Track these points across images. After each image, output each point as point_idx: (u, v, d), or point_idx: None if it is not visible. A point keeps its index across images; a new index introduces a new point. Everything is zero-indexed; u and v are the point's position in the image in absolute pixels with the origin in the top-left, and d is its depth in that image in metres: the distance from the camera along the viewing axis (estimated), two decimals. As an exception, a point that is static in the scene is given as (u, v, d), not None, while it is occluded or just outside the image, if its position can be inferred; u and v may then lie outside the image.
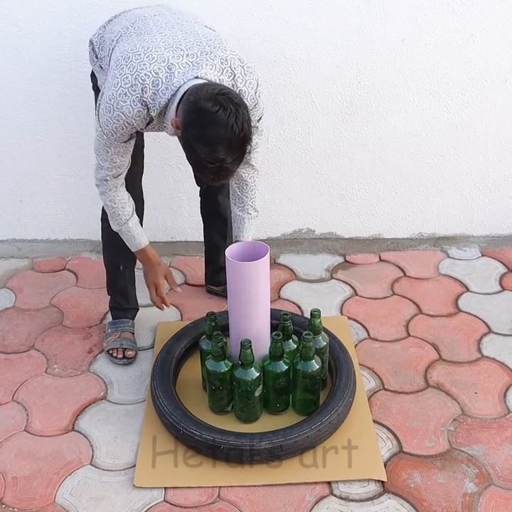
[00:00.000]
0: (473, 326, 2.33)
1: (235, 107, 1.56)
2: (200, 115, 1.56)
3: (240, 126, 1.56)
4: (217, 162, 1.58)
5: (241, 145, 1.60)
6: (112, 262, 2.23)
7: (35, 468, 1.82)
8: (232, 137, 1.56)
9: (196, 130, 1.57)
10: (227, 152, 1.57)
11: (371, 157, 2.63)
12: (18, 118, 2.53)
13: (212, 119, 1.55)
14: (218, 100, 1.55)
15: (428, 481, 1.76)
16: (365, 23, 2.35)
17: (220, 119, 1.54)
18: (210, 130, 1.55)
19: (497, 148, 2.62)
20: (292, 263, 2.71)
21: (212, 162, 1.58)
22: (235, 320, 1.91)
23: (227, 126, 1.55)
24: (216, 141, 1.56)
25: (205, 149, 1.57)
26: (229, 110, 1.55)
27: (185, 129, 1.60)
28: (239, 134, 1.57)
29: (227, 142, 1.56)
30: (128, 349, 2.19)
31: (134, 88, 1.66)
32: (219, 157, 1.57)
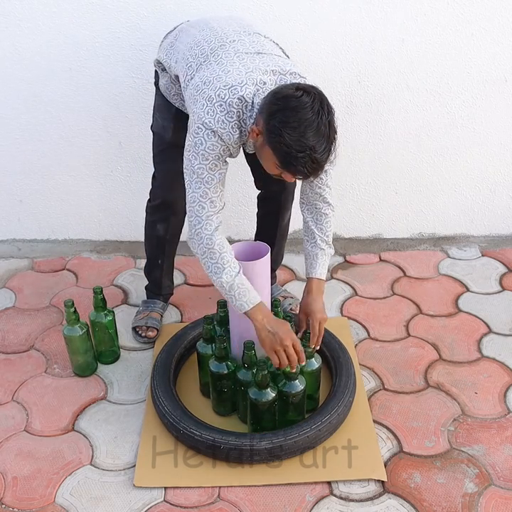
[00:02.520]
0: (473, 326, 2.33)
1: (319, 94, 1.54)
2: (284, 101, 1.52)
3: (326, 111, 1.53)
4: (307, 150, 1.51)
5: (329, 132, 1.54)
6: (151, 254, 2.30)
7: (35, 468, 1.82)
8: (320, 122, 1.52)
9: (283, 115, 1.52)
10: (317, 138, 1.52)
11: (371, 157, 2.63)
12: (18, 118, 2.53)
13: (298, 103, 1.51)
14: (301, 87, 1.54)
15: (428, 481, 1.76)
16: (365, 23, 2.35)
17: (305, 101, 1.51)
18: (297, 113, 1.51)
19: (497, 148, 2.62)
20: (292, 263, 2.71)
21: (302, 150, 1.51)
22: (235, 320, 1.91)
23: (313, 109, 1.51)
24: (304, 124, 1.50)
25: (294, 135, 1.50)
26: (312, 95, 1.52)
27: (269, 120, 1.54)
28: (326, 118, 1.53)
29: (316, 127, 1.51)
30: (151, 328, 2.27)
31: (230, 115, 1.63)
32: (308, 144, 1.51)
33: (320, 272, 1.94)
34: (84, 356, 2.10)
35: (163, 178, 2.11)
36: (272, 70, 1.68)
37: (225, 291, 1.73)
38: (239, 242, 1.89)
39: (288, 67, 1.72)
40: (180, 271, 2.67)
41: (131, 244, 2.79)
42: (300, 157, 1.52)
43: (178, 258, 2.72)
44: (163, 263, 2.30)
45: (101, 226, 2.78)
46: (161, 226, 2.18)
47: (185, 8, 2.30)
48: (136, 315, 2.35)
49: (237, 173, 2.64)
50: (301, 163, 1.54)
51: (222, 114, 1.63)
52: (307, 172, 1.56)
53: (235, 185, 2.67)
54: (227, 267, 1.72)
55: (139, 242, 2.79)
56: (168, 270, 2.35)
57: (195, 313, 2.42)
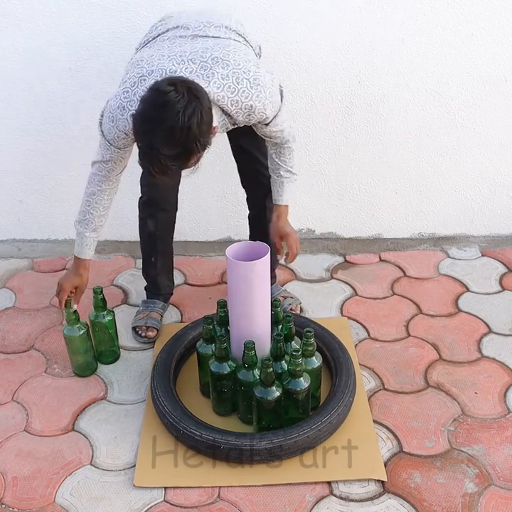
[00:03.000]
0: (473, 326, 2.33)
1: (190, 97, 1.48)
2: (152, 93, 1.50)
3: (187, 116, 1.45)
4: (153, 149, 1.48)
5: (184, 141, 1.48)
6: (145, 251, 2.33)
7: (35, 468, 1.82)
8: (175, 125, 1.45)
9: (143, 107, 1.50)
10: (166, 141, 1.47)
11: (371, 157, 2.63)
12: (18, 118, 2.53)
13: (160, 99, 1.47)
14: (176, 82, 1.49)
15: (428, 481, 1.76)
16: (365, 23, 2.35)
17: (169, 100, 1.45)
18: (153, 109, 1.47)
19: (497, 148, 2.62)
20: (292, 263, 2.71)
21: (149, 147, 1.48)
22: (234, 319, 1.91)
23: (173, 110, 1.45)
24: (156, 122, 1.46)
25: (145, 128, 1.48)
26: (181, 94, 1.46)
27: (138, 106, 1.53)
28: (183, 123, 1.45)
29: (168, 129, 1.46)
30: (151, 328, 2.28)
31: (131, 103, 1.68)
32: (155, 144, 1.47)
33: (286, 199, 2.04)
34: (84, 356, 2.10)
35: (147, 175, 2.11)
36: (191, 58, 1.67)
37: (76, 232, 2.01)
38: (239, 242, 1.89)
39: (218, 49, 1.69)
40: (180, 271, 2.67)
41: (131, 244, 2.79)
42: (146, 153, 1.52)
43: (178, 258, 2.72)
44: (157, 261, 2.31)
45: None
46: (150, 222, 2.21)
47: (186, 9, 2.30)
48: (136, 315, 2.36)
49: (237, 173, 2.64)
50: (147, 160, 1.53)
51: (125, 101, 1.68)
52: (153, 170, 1.54)
53: (235, 185, 2.66)
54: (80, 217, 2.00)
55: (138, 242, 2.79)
56: (164, 269, 2.35)
57: (195, 313, 2.42)
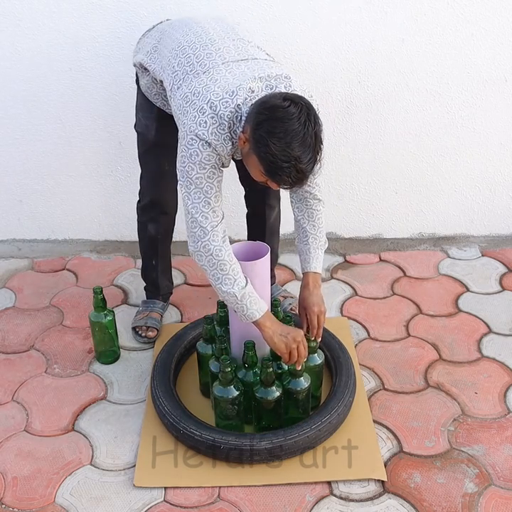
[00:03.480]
0: (473, 326, 2.33)
1: (306, 104, 1.55)
2: (271, 111, 1.53)
3: (312, 122, 1.53)
4: (292, 160, 1.51)
5: (314, 143, 1.55)
6: (145, 255, 2.32)
7: (35, 468, 1.82)
8: (306, 132, 1.52)
9: (269, 125, 1.52)
10: (302, 149, 1.52)
11: (371, 157, 2.63)
12: (18, 118, 2.53)
13: (284, 114, 1.51)
14: (289, 97, 1.54)
15: (428, 481, 1.76)
16: (365, 23, 2.35)
17: (292, 112, 1.51)
18: (283, 124, 1.51)
19: (497, 148, 2.62)
20: (292, 263, 2.71)
21: (287, 160, 1.51)
22: (235, 320, 1.90)
23: (299, 120, 1.51)
24: (291, 135, 1.50)
25: (280, 144, 1.51)
26: (299, 106, 1.52)
27: (256, 128, 1.54)
28: (312, 129, 1.53)
29: (301, 137, 1.51)
30: (151, 328, 2.28)
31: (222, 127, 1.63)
32: (294, 154, 1.51)
33: (314, 266, 1.94)
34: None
35: (149, 178, 2.12)
36: (259, 76, 1.67)
37: (235, 301, 1.71)
38: (239, 242, 1.89)
39: (272, 70, 1.70)
40: (180, 271, 2.67)
41: (131, 244, 2.79)
42: (285, 167, 1.53)
43: (178, 258, 2.73)
44: (158, 264, 2.30)
45: (101, 226, 2.78)
46: (151, 226, 2.20)
47: (186, 9, 2.31)
48: (136, 315, 2.36)
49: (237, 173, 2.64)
50: (286, 173, 1.54)
51: (214, 127, 1.62)
52: (291, 182, 1.57)
53: (235, 185, 2.66)
54: (238, 278, 1.71)
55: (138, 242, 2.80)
56: (164, 270, 2.35)
57: (195, 313, 2.42)
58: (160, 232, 2.22)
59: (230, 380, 1.77)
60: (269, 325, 1.75)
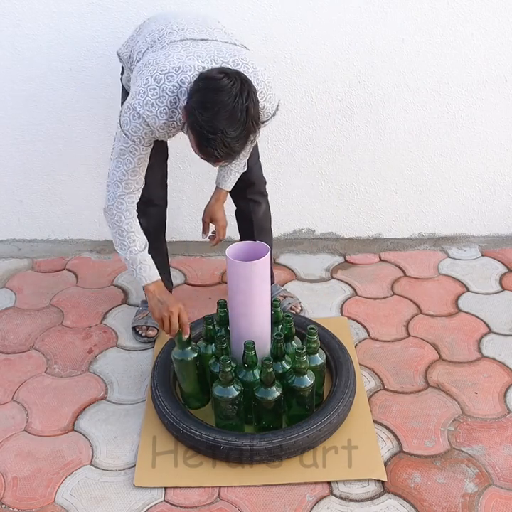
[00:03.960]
0: (473, 326, 2.33)
1: (242, 81, 1.53)
2: (204, 82, 1.54)
3: (244, 98, 1.51)
4: (218, 132, 1.51)
5: (245, 120, 1.52)
6: None
7: (35, 468, 1.82)
8: (235, 107, 1.50)
9: (200, 95, 1.53)
10: (229, 123, 1.51)
11: (371, 157, 2.63)
12: (18, 118, 2.53)
13: (216, 85, 1.51)
14: (225, 71, 1.54)
15: (428, 481, 1.76)
16: (365, 23, 2.35)
17: (224, 84, 1.50)
18: (212, 95, 1.51)
19: (497, 148, 2.62)
20: (292, 263, 2.71)
21: (213, 132, 1.51)
22: (234, 319, 1.91)
23: (230, 93, 1.50)
24: (218, 106, 1.50)
25: (206, 115, 1.51)
26: (234, 80, 1.51)
27: (189, 99, 1.56)
28: (242, 105, 1.51)
29: (230, 111, 1.50)
30: (151, 328, 2.28)
31: (161, 100, 1.65)
32: (219, 127, 1.50)
33: (229, 186, 2.10)
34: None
35: None
36: (213, 58, 1.67)
37: (128, 265, 1.89)
38: (239, 242, 1.89)
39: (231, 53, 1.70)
40: (180, 271, 2.67)
41: (131, 244, 2.79)
42: (211, 139, 1.52)
43: (178, 258, 2.73)
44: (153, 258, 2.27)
45: (101, 226, 2.77)
46: (143, 220, 2.14)
47: (186, 9, 2.31)
48: (136, 315, 2.35)
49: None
50: (212, 145, 1.54)
51: (153, 98, 1.65)
52: (218, 155, 1.56)
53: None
54: (132, 246, 1.85)
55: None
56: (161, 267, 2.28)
57: (195, 313, 2.42)
58: (151, 224, 2.19)
59: (229, 380, 1.77)
60: (152, 290, 1.89)
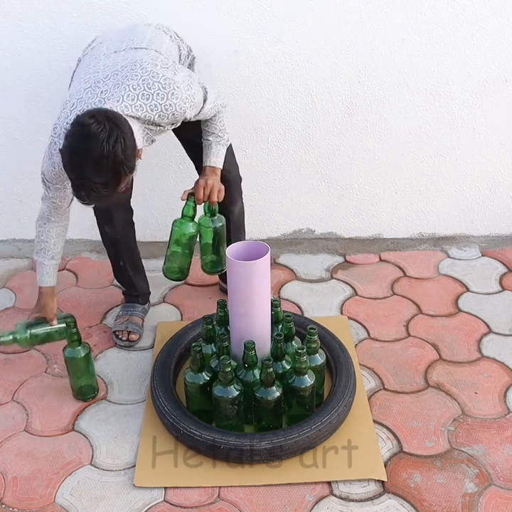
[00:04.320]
0: (473, 326, 2.33)
1: (111, 126, 1.55)
2: (75, 127, 1.58)
3: (111, 145, 1.54)
4: (84, 178, 1.56)
5: (112, 167, 1.56)
6: (111, 258, 2.33)
7: (35, 468, 1.82)
8: (101, 154, 1.53)
9: (69, 141, 1.58)
10: (95, 169, 1.55)
11: (371, 157, 2.63)
12: (18, 118, 2.53)
13: (84, 132, 1.54)
14: (95, 116, 1.57)
15: (428, 481, 1.76)
16: (365, 23, 2.35)
17: (92, 132, 1.53)
18: (80, 142, 1.55)
19: (497, 148, 2.62)
20: (292, 263, 2.71)
21: (81, 177, 1.57)
22: (234, 319, 1.91)
23: (97, 140, 1.53)
24: (84, 154, 1.54)
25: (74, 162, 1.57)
26: (102, 126, 1.54)
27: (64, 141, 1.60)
28: (109, 153, 1.54)
29: (95, 158, 1.54)
30: (132, 332, 2.26)
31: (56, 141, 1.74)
32: (85, 174, 1.55)
33: (214, 161, 1.99)
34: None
35: None
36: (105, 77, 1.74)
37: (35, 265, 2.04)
38: (239, 242, 1.89)
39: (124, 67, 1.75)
40: (180, 271, 2.67)
41: (131, 244, 2.79)
42: (79, 184, 1.59)
43: (178, 258, 2.72)
44: (126, 264, 2.30)
45: (101, 226, 2.77)
46: (108, 228, 2.21)
47: (186, 8, 2.31)
48: (116, 319, 2.34)
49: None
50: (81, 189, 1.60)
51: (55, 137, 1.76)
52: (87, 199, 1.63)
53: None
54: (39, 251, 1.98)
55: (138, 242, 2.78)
56: (136, 271, 2.34)
57: (195, 313, 2.42)
58: (118, 231, 2.21)
59: (229, 380, 1.77)
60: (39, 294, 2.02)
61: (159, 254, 2.71)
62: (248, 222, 2.66)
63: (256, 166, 2.62)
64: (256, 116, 2.52)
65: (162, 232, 2.73)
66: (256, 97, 2.48)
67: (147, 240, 2.78)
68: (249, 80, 2.44)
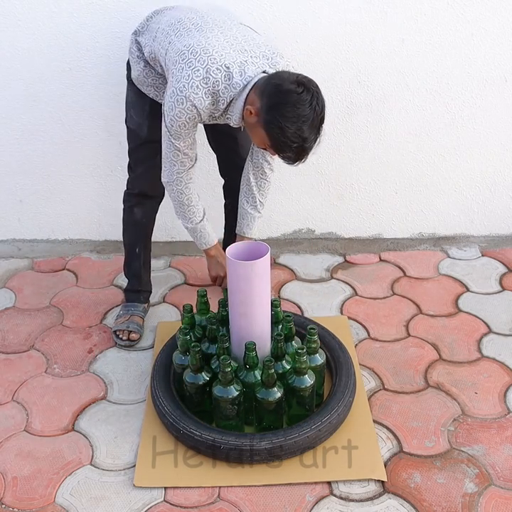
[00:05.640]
0: (473, 326, 2.33)
1: (315, 89, 1.69)
2: (286, 96, 1.66)
3: (320, 106, 1.69)
4: (301, 141, 1.68)
5: (319, 125, 1.71)
6: (129, 243, 2.35)
7: (35, 468, 1.82)
8: (315, 116, 1.68)
9: (284, 109, 1.66)
10: (310, 131, 1.68)
11: (371, 157, 2.63)
12: (18, 118, 2.53)
13: (298, 99, 1.65)
14: (301, 82, 1.67)
15: (428, 481, 1.76)
16: (365, 23, 2.35)
17: (305, 98, 1.65)
18: (297, 109, 1.65)
19: (497, 148, 2.62)
20: (292, 263, 2.71)
21: (297, 141, 1.68)
22: (233, 319, 1.91)
23: (311, 106, 1.66)
24: (302, 119, 1.66)
25: (293, 127, 1.66)
26: (311, 91, 1.67)
27: (270, 110, 1.68)
28: (319, 113, 1.69)
29: (311, 121, 1.67)
30: (133, 332, 2.26)
31: (205, 81, 1.75)
32: (304, 136, 1.67)
33: (254, 233, 2.25)
34: None
35: (140, 172, 2.19)
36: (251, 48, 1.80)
37: (190, 233, 2.15)
38: (239, 242, 1.89)
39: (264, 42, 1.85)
40: (180, 271, 2.67)
41: (131, 244, 2.79)
42: (294, 146, 1.70)
43: (178, 258, 2.73)
44: (141, 252, 2.32)
45: (101, 226, 2.78)
46: (137, 210, 2.26)
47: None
48: (117, 318, 2.33)
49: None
50: (293, 151, 1.72)
51: (197, 80, 1.75)
52: (295, 158, 1.74)
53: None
54: (193, 217, 2.08)
55: (139, 242, 2.80)
56: (146, 263, 2.37)
57: (195, 313, 2.42)
58: (146, 215, 2.27)
59: (229, 380, 1.77)
60: (213, 253, 2.23)
61: (159, 254, 2.72)
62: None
63: (256, 166, 2.62)
64: (256, 116, 2.52)
65: (162, 232, 2.74)
66: (256, 97, 2.48)
67: (147, 240, 2.79)
68: (249, 80, 2.44)
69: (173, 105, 1.79)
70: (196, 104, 1.77)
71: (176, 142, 1.88)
